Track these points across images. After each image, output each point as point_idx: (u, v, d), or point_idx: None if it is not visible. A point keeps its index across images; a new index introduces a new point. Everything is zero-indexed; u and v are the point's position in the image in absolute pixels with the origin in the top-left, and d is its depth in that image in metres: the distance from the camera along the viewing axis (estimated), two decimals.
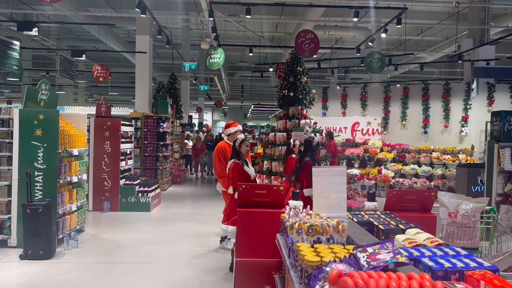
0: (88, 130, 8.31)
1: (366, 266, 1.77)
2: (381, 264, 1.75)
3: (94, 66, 12.40)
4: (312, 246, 2.25)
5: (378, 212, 3.08)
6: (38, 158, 5.92)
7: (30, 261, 5.55)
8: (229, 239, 6.06)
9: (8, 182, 6.05)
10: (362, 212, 3.04)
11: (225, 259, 5.86)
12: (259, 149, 15.08)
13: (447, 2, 11.78)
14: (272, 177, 8.70)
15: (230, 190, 5.41)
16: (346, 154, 11.81)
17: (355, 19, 9.01)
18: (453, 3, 10.41)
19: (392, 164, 11.73)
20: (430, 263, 1.91)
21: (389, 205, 3.20)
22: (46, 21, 14.56)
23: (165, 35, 10.86)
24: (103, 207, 8.65)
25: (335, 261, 1.94)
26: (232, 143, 5.62)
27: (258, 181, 6.47)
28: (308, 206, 2.93)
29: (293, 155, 6.83)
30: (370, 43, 10.43)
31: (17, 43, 8.24)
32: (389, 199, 3.21)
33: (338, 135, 12.78)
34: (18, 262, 5.54)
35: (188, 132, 17.83)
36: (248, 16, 8.73)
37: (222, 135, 5.66)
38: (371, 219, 2.85)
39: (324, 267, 1.88)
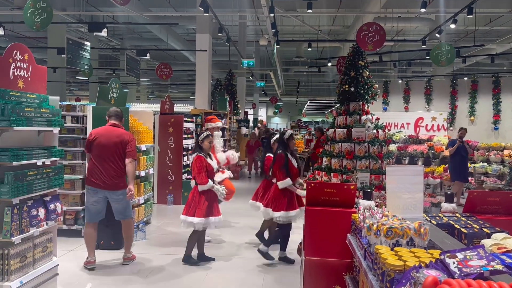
0: (153, 126, 8.63)
1: (458, 273, 1.67)
2: (475, 271, 1.65)
3: (157, 65, 12.83)
4: (392, 249, 2.18)
5: (457, 215, 2.92)
6: None
7: (103, 250, 5.86)
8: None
9: (82, 175, 6.42)
10: (440, 214, 2.90)
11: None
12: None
13: None
14: (332, 174, 8.56)
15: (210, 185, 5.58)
16: (409, 151, 11.36)
17: (423, 10, 8.60)
18: None
19: None
20: None
21: (469, 207, 3.02)
22: (114, 22, 15.26)
23: (226, 33, 11.02)
24: (167, 200, 8.97)
25: (420, 266, 1.86)
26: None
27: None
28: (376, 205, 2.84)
29: (270, 154, 6.71)
30: (437, 35, 9.90)
31: (88, 43, 8.71)
32: (469, 200, 3.03)
33: (400, 131, 12.33)
34: None
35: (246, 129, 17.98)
36: (309, 11, 8.62)
37: (203, 127, 5.88)
38: (451, 222, 2.70)
39: (410, 272, 1.80)
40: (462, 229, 2.54)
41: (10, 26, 14.49)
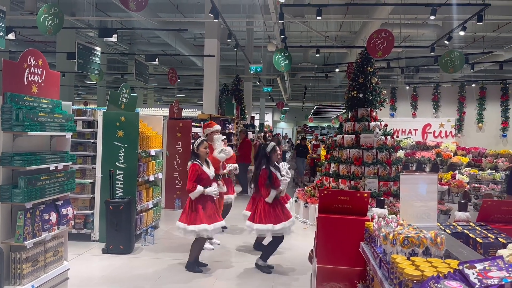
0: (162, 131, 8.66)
1: (478, 284, 1.67)
2: (495, 282, 1.64)
3: (168, 70, 12.86)
4: (408, 259, 2.17)
5: (471, 224, 2.91)
6: (120, 157, 6.27)
7: (112, 255, 5.88)
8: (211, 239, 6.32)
9: (92, 179, 6.47)
10: (454, 223, 2.89)
11: (296, 261, 5.84)
12: (322, 151, 14.87)
13: None
14: (340, 180, 8.56)
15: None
16: (416, 157, 11.31)
17: (432, 17, 8.59)
18: None
19: (467, 169, 11.07)
20: None
21: (483, 216, 3.00)
22: (123, 28, 15.37)
23: (234, 39, 11.06)
24: (175, 204, 8.99)
25: (438, 276, 1.85)
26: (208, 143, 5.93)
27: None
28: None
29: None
30: (446, 41, 9.88)
31: (98, 48, 8.78)
32: (483, 209, 3.01)
33: (408, 137, 12.28)
34: (100, 255, 5.90)
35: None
36: (319, 18, 8.65)
37: (201, 135, 5.84)
38: (465, 231, 2.69)
39: (428, 282, 1.80)
40: (477, 239, 2.53)
41: (20, 30, 14.63)
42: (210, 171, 5.36)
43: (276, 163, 5.53)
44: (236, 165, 7.00)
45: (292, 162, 15.81)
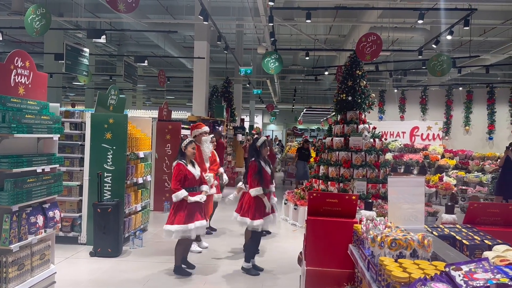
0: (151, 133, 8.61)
1: (464, 286, 1.69)
2: (481, 284, 1.67)
3: (158, 72, 12.81)
4: (395, 261, 2.19)
5: (458, 226, 2.94)
6: (108, 160, 6.22)
7: (99, 258, 5.82)
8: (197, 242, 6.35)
9: (80, 182, 6.40)
10: (441, 225, 2.92)
11: (285, 263, 5.85)
12: (312, 153, 14.91)
13: None
14: (329, 182, 8.60)
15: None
16: (405, 159, 11.43)
17: (420, 21, 8.70)
18: None
19: (454, 171, 11.22)
20: None
21: (469, 218, 3.04)
22: (112, 29, 15.27)
23: (224, 41, 11.06)
24: (163, 207, 8.94)
25: (425, 278, 1.87)
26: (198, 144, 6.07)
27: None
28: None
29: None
30: (434, 45, 10.02)
31: (87, 50, 8.70)
32: (469, 212, 3.05)
33: (396, 140, 12.40)
34: (88, 258, 5.84)
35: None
36: (308, 21, 8.70)
37: (189, 136, 5.89)
38: (452, 233, 2.72)
39: (415, 285, 1.82)
40: (464, 241, 2.56)
41: (7, 31, 14.44)
42: (195, 171, 5.32)
43: (266, 159, 5.58)
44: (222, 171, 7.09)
45: (292, 164, 15.66)
